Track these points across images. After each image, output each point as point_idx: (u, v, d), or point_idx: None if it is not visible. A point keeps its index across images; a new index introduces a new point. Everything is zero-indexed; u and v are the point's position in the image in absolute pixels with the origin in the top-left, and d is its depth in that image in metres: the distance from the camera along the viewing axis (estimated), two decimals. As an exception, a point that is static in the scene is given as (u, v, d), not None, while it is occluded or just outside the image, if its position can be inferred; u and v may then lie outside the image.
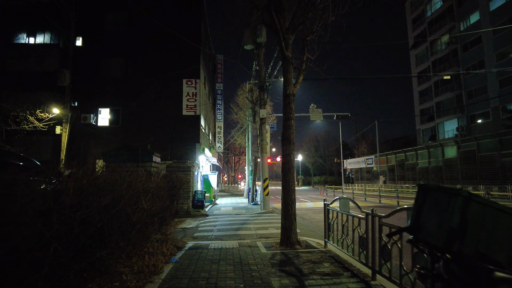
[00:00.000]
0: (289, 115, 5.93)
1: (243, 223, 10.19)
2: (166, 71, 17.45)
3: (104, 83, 17.36)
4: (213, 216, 12.48)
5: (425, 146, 29.39)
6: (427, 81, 38.60)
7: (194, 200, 13.66)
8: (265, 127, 14.48)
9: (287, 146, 5.91)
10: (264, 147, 14.27)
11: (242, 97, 22.18)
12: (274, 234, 8.12)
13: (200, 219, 11.88)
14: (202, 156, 17.08)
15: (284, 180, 5.91)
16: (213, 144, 26.40)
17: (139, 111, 17.25)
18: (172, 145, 16.88)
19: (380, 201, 17.50)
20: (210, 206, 15.64)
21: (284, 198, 5.88)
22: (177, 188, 7.40)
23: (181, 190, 12.85)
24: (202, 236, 8.07)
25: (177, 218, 12.08)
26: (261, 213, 13.22)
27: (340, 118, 21.43)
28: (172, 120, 17.10)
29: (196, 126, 17.12)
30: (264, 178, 14.00)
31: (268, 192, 14.03)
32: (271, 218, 11.56)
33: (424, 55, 39.50)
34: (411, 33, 42.19)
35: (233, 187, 48.78)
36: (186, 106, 17.15)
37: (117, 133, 17.06)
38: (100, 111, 17.39)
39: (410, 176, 31.32)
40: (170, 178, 7.00)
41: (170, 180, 6.96)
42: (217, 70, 29.53)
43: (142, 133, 17.06)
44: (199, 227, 9.84)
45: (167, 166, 13.07)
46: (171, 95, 17.33)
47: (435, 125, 36.99)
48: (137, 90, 17.38)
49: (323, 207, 5.71)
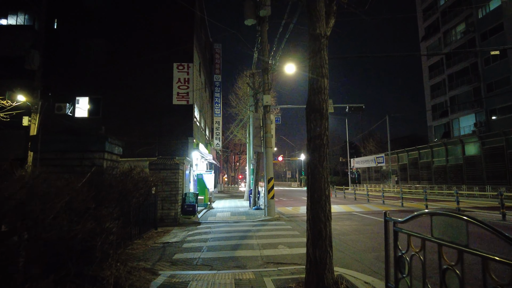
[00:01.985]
0: (320, 70, 3.54)
1: (243, 236, 7.78)
2: (154, 54, 15.07)
3: (83, 68, 14.97)
4: (206, 225, 10.09)
5: (442, 143, 26.94)
6: (440, 74, 36.14)
7: (184, 204, 11.28)
8: (270, 117, 12.09)
9: (317, 122, 3.52)
10: (269, 141, 11.89)
11: (242, 88, 19.78)
12: (287, 257, 5.72)
13: (190, 228, 9.50)
14: (195, 152, 14.69)
15: (312, 180, 3.51)
16: (210, 141, 23.99)
17: (123, 101, 14.86)
18: (161, 140, 14.49)
19: (403, 204, 15.08)
20: (205, 211, 13.25)
21: (312, 209, 3.48)
22: (141, 191, 5.02)
23: (168, 192, 10.52)
24: (184, 260, 5.68)
25: (161, 228, 9.74)
26: (265, 220, 10.83)
27: (352, 110, 19.09)
28: (161, 111, 14.71)
29: (189, 118, 14.73)
30: (268, 178, 11.61)
31: (274, 195, 11.63)
32: (279, 228, 9.15)
33: (436, 46, 37.05)
34: (421, 24, 39.74)
35: (233, 188, 46.39)
36: (177, 94, 14.76)
37: (97, 125, 14.62)
38: (78, 100, 15.00)
39: (424, 175, 28.87)
40: (131, 178, 4.60)
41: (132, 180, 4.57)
42: (215, 61, 27.17)
43: (126, 125, 14.68)
44: (186, 242, 7.44)
45: (149, 163, 10.71)
46: (160, 81, 14.95)
47: (449, 121, 34.53)
48: (120, 77, 15.00)
49: (384, 225, 3.30)
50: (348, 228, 8.97)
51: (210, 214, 12.62)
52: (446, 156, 26.08)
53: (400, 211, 13.21)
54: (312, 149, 3.52)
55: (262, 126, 12.26)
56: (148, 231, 8.94)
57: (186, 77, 14.87)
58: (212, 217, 11.73)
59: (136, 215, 8.35)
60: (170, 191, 10.54)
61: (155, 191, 9.62)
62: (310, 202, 3.53)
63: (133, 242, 7.69)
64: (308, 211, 3.57)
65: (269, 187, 11.53)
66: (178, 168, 10.64)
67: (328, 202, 3.50)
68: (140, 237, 8.26)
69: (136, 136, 14.43)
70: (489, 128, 27.80)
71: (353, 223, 9.92)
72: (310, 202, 3.52)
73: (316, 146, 3.50)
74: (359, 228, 8.85)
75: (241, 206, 15.95)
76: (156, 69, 15.05)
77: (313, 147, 3.51)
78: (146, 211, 8.91)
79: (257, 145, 12.23)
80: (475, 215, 11.06)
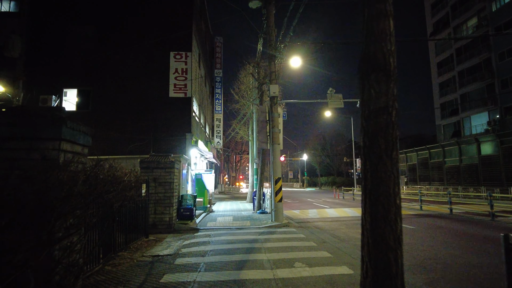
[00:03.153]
0: (382, 6, 2.19)
1: (249, 249, 6.44)
2: (149, 42, 13.76)
3: (71, 58, 13.67)
4: (205, 232, 8.75)
5: (455, 142, 25.55)
6: (450, 71, 34.74)
7: (180, 208, 9.95)
8: (277, 109, 10.75)
9: (381, 87, 2.18)
10: (276, 136, 10.55)
11: (245, 82, 18.43)
12: (310, 281, 4.36)
13: (186, 236, 8.17)
14: (194, 150, 13.36)
15: (374, 181, 2.15)
16: (211, 139, 22.66)
17: (115, 93, 13.55)
18: (156, 136, 13.17)
19: (421, 208, 13.72)
20: (204, 215, 11.91)
21: (373, 228, 2.13)
22: (114, 193, 3.70)
23: (162, 194, 9.20)
24: (175, 286, 4.33)
25: (153, 235, 8.43)
26: (273, 226, 9.49)
27: (364, 105, 17.69)
28: (156, 104, 13.41)
29: (187, 112, 13.40)
30: (276, 178, 10.27)
31: (282, 198, 10.28)
32: (291, 238, 7.80)
33: (445, 42, 35.64)
34: (429, 20, 38.38)
35: (234, 189, 45.05)
36: (174, 86, 13.44)
37: (86, 120, 13.33)
38: (66, 92, 13.69)
39: (435, 176, 27.48)
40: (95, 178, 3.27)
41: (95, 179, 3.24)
42: (216, 55, 25.85)
43: (118, 120, 13.37)
44: (179, 255, 6.10)
45: (140, 161, 9.38)
46: (156, 72, 13.64)
47: (459, 119, 33.12)
48: (112, 67, 13.69)
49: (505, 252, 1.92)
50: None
51: (210, 219, 11.28)
52: (460, 155, 24.70)
53: (421, 215, 11.86)
54: (373, 130, 2.17)
55: (268, 120, 10.92)
56: (138, 240, 7.62)
57: (184, 67, 13.55)
58: (212, 223, 10.39)
59: (123, 221, 7.05)
60: (164, 193, 9.22)
61: (146, 192, 8.32)
62: (368, 216, 2.18)
63: (117, 254, 6.38)
64: (364, 231, 2.23)
65: (276, 188, 10.19)
66: (173, 167, 9.31)
67: (399, 216, 2.16)
68: (127, 247, 6.94)
69: (128, 131, 13.13)
70: (504, 127, 26.40)
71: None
72: (369, 216, 2.17)
73: (380, 126, 2.15)
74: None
75: (244, 209, 14.60)
76: (151, 59, 13.75)
77: (375, 126, 2.17)
78: (135, 216, 7.61)
79: (263, 141, 10.89)
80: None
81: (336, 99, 16.75)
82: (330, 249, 6.38)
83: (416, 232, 8.23)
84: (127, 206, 7.01)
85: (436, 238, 7.47)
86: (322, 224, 10.06)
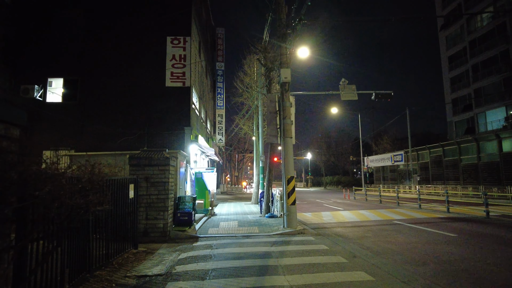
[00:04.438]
0: None
1: (262, 268, 4.99)
2: (143, 26, 12.35)
3: (57, 44, 12.28)
4: (205, 241, 7.31)
5: (473, 138, 23.98)
6: (462, 64, 33.13)
7: (177, 212, 8.53)
8: (288, 98, 9.29)
9: None
10: (288, 129, 9.09)
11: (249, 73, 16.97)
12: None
13: (183, 247, 6.74)
14: (194, 146, 11.92)
15: None
16: (212, 136, 21.22)
17: (105, 83, 12.15)
18: (151, 130, 11.76)
19: (449, 210, 12.22)
20: (205, 220, 10.47)
21: None
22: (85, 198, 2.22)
23: (155, 196, 7.78)
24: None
25: (143, 245, 7.05)
26: (286, 234, 8.04)
27: (380, 97, 16.22)
28: (151, 95, 12.00)
29: (185, 103, 11.98)
30: (288, 178, 8.81)
31: (295, 200, 8.82)
32: (311, 250, 6.33)
33: (457, 35, 34.06)
34: (440, 12, 36.74)
35: (236, 189, 43.62)
36: (171, 75, 12.01)
37: (73, 112, 11.96)
38: (50, 82, 12.29)
39: (450, 175, 25.92)
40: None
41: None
42: (218, 47, 24.38)
43: (108, 112, 11.97)
44: (172, 277, 4.69)
45: (130, 157, 7.96)
46: (151, 59, 12.23)
47: (473, 115, 31.53)
48: (102, 54, 12.29)
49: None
50: (402, 248, 6.12)
51: (212, 224, 9.84)
52: (478, 153, 23.14)
53: (452, 219, 10.38)
54: None
55: (278, 111, 9.46)
56: (124, 252, 6.21)
57: (182, 53, 12.12)
58: (214, 229, 8.95)
59: (104, 229, 5.64)
60: (157, 194, 7.80)
61: (135, 194, 6.89)
62: None
63: (93, 274, 4.96)
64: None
65: (288, 189, 8.73)
66: (168, 164, 7.88)
67: None
68: (108, 263, 5.53)
69: (120, 125, 11.72)
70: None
71: (411, 238, 7.09)
72: None
73: None
74: (436, 250, 6.00)
75: (249, 212, 13.15)
76: (146, 45, 12.34)
77: None
78: (121, 223, 6.21)
79: (272, 134, 9.43)
80: None
81: (350, 91, 15.25)
82: (367, 267, 4.93)
83: (462, 243, 6.75)
84: (108, 211, 5.60)
85: (495, 252, 5.98)
86: (342, 231, 8.60)
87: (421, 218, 10.78)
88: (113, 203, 5.83)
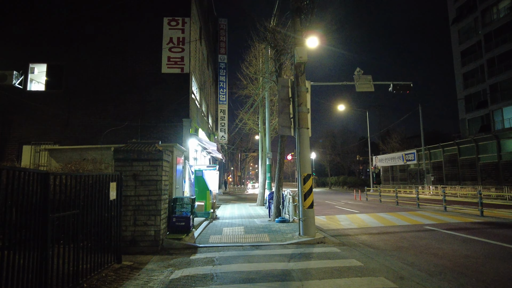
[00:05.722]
0: None
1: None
2: (137, 6, 11.01)
3: (40, 26, 10.95)
4: (206, 254, 5.92)
5: (493, 135, 22.45)
6: (476, 59, 31.58)
7: (173, 216, 7.14)
8: (304, 81, 7.90)
9: None
10: (303, 117, 7.70)
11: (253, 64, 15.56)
12: None
13: (178, 262, 5.36)
14: (193, 139, 10.54)
15: None
16: (214, 132, 19.83)
17: (94, 69, 10.82)
18: (144, 122, 10.39)
19: (482, 213, 10.76)
20: (205, 224, 9.07)
21: None
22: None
23: (145, 198, 6.43)
24: None
25: (129, 257, 5.73)
26: (304, 244, 6.64)
27: (398, 89, 14.83)
28: (146, 83, 10.65)
29: (184, 92, 10.61)
30: (304, 175, 7.42)
31: (313, 202, 7.41)
32: (341, 267, 4.92)
33: (471, 28, 32.50)
34: (452, 4, 35.22)
35: (239, 189, 42.23)
36: (168, 60, 10.65)
37: (57, 102, 10.62)
38: (32, 68, 10.95)
39: (467, 174, 24.40)
40: None
41: None
42: (220, 38, 23.03)
43: (97, 102, 10.63)
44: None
45: (115, 150, 6.61)
46: (145, 43, 10.89)
47: (489, 112, 29.98)
48: (91, 37, 10.96)
49: None
50: (492, 269, 4.68)
51: (214, 230, 8.45)
52: (498, 151, 21.62)
53: (490, 224, 8.92)
54: None
55: (291, 97, 8.06)
56: (102, 268, 4.85)
57: (180, 35, 10.75)
58: (216, 236, 7.56)
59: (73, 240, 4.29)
60: (147, 195, 6.43)
61: (118, 195, 5.50)
62: None
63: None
64: None
65: (305, 189, 7.32)
66: (162, 159, 6.51)
67: None
68: (77, 285, 4.15)
69: (111, 117, 10.37)
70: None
71: (460, 250, 5.65)
72: None
73: None
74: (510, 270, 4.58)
75: (256, 215, 11.75)
76: (140, 27, 11.00)
77: None
78: (100, 231, 4.88)
79: (284, 125, 8.02)
80: None
81: (365, 81, 13.87)
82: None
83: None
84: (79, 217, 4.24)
85: None
86: (369, 239, 7.20)
87: (454, 223, 9.34)
88: (86, 206, 4.48)
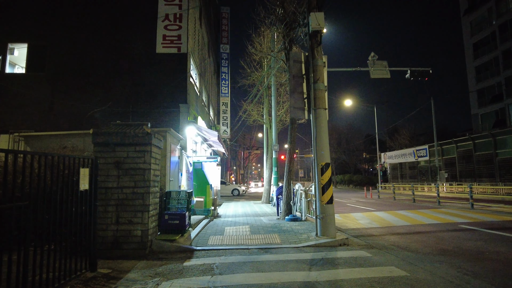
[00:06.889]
0: None
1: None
2: (129, -22, 9.84)
3: (20, 0, 9.82)
4: (204, 259, 4.73)
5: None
6: (491, 51, 30.15)
7: (164, 213, 5.95)
8: (321, 54, 6.67)
9: None
10: (320, 96, 6.49)
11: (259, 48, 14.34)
12: None
13: (166, 271, 4.17)
14: (191, 127, 9.35)
15: None
16: (216, 125, 18.66)
17: (80, 50, 9.66)
18: (137, 107, 9.23)
19: (519, 212, 9.50)
20: (205, 223, 7.89)
21: None
22: None
23: (130, 190, 5.29)
24: None
25: (110, 263, 4.56)
26: (323, 246, 5.44)
27: (416, 75, 13.60)
28: (139, 64, 9.49)
29: (181, 74, 9.42)
30: (322, 164, 6.22)
31: (332, 197, 6.21)
32: (381, 278, 3.70)
33: (484, 19, 31.07)
34: (464, -4, 33.78)
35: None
36: (164, 38, 9.47)
37: (40, 86, 9.47)
38: (12, 48, 9.82)
39: (483, 171, 23.06)
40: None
41: None
42: (222, 27, 21.83)
43: (85, 86, 9.47)
44: None
45: (93, 133, 5.42)
46: (138, 21, 9.72)
47: (504, 106, 28.57)
48: (77, 14, 9.81)
49: None
50: None
51: (214, 230, 7.26)
52: (519, 146, 20.27)
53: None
54: None
55: (305, 74, 6.86)
56: (69, 278, 3.70)
57: (177, 11, 9.56)
58: (217, 237, 6.36)
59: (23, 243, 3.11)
60: (133, 187, 5.27)
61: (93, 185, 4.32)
62: None
63: None
64: None
65: (323, 181, 6.12)
66: (150, 143, 5.34)
67: None
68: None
69: (98, 101, 9.21)
70: None
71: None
72: None
73: None
74: None
75: (262, 213, 10.54)
76: (133, 2, 9.83)
77: None
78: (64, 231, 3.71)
79: (296, 107, 6.81)
80: None
81: (380, 67, 12.68)
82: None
83: None
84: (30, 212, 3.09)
85: None
86: (400, 240, 5.98)
87: (493, 221, 8.10)
88: (41, 198, 3.31)
